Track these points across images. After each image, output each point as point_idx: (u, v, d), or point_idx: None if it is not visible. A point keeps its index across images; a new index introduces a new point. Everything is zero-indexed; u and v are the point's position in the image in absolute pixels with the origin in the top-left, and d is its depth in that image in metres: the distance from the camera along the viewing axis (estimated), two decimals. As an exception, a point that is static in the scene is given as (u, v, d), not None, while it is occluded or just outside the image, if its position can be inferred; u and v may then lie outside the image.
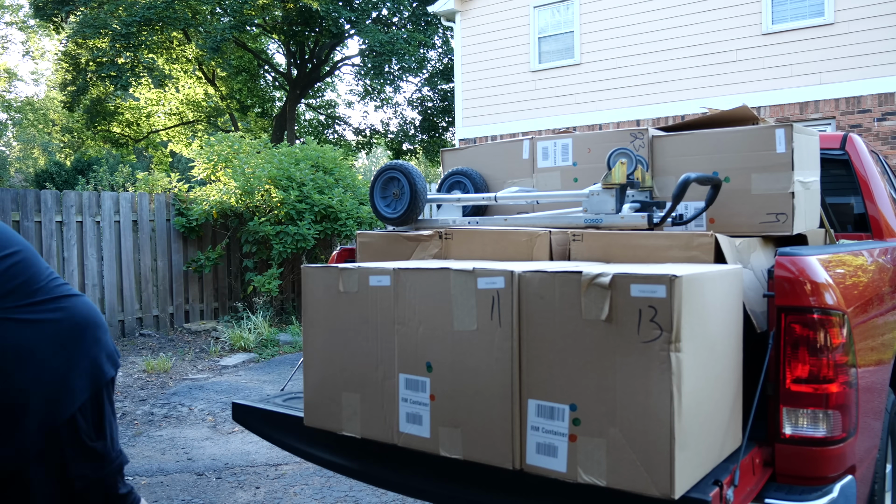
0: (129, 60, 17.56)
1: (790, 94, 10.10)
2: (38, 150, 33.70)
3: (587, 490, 1.67)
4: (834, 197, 3.38)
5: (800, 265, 1.91)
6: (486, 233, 2.48)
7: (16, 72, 34.88)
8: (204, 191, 8.58)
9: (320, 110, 25.58)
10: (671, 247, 2.09)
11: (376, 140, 24.13)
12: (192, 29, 18.78)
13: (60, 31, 19.35)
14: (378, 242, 2.79)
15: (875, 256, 2.59)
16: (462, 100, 13.32)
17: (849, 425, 1.90)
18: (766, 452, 1.95)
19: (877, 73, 9.47)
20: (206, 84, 22.24)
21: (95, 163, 19.27)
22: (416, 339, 1.95)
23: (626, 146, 2.58)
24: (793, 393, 1.88)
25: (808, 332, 1.86)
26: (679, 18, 10.92)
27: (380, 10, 20.25)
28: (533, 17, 12.36)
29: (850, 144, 3.25)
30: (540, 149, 2.90)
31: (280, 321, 8.77)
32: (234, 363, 6.97)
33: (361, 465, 2.19)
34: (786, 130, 2.33)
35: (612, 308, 1.62)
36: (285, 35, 20.85)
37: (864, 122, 9.61)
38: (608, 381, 1.63)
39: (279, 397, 2.60)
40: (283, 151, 8.91)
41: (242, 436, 4.74)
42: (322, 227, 8.41)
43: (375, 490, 3.73)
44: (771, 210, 2.36)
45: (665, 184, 2.58)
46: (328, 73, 24.23)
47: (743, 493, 1.75)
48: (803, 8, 10.00)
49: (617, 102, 11.51)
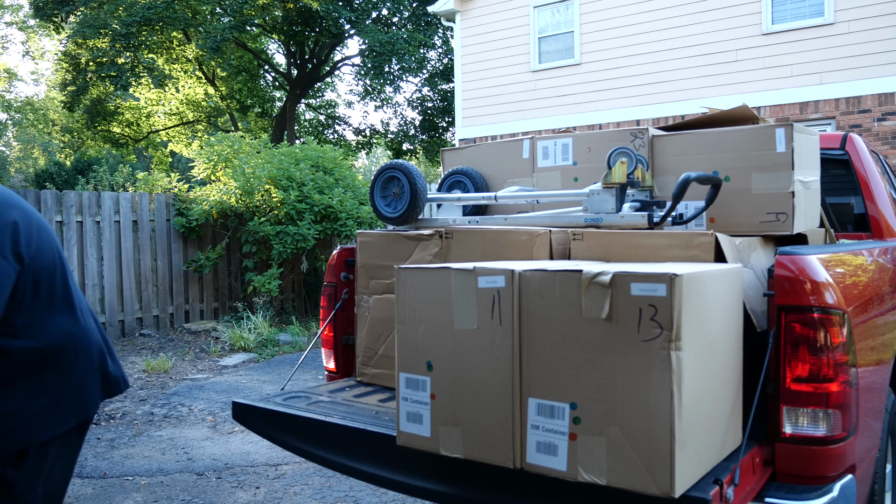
0: (129, 60, 17.56)
1: (790, 94, 10.10)
2: (38, 150, 33.70)
3: (587, 489, 1.67)
4: (834, 197, 3.38)
5: (800, 264, 1.91)
6: (487, 232, 2.48)
7: (16, 72, 34.87)
8: (204, 191, 8.58)
9: (320, 110, 25.58)
10: (671, 246, 2.09)
11: (376, 140, 24.12)
12: (192, 29, 18.78)
13: (60, 30, 19.35)
14: (378, 242, 2.79)
15: (875, 256, 2.59)
16: (462, 100, 13.32)
17: (849, 424, 1.90)
18: (767, 451, 1.95)
19: (877, 73, 9.47)
20: (206, 84, 22.24)
21: (95, 163, 19.27)
22: (417, 339, 1.95)
23: (627, 145, 2.58)
24: (793, 392, 1.88)
25: (808, 332, 1.86)
26: (679, 18, 10.92)
27: (380, 10, 20.25)
28: (533, 17, 12.36)
29: (851, 144, 3.25)
30: (540, 148, 2.90)
31: (280, 321, 8.77)
32: (234, 363, 6.97)
33: (361, 464, 2.19)
34: (786, 130, 2.33)
35: (613, 307, 1.62)
36: (285, 35, 20.85)
37: (864, 122, 9.61)
38: (608, 379, 1.63)
39: (279, 396, 2.60)
40: (283, 151, 8.91)
41: (242, 436, 4.74)
42: (322, 227, 8.41)
43: (375, 490, 3.73)
44: (771, 209, 2.36)
45: (665, 183, 2.59)
46: (328, 73, 24.23)
47: (743, 492, 1.75)
48: (803, 8, 10.00)
49: (617, 102, 11.51)
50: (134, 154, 25.34)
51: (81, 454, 4.40)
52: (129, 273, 8.01)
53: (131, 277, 8.03)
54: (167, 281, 8.40)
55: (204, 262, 8.50)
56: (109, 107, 21.08)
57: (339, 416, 2.32)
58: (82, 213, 7.61)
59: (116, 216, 7.93)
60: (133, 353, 7.34)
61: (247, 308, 8.72)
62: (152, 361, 6.59)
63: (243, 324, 7.92)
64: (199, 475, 4.05)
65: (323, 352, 3.07)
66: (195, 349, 7.50)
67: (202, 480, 3.97)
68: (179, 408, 5.42)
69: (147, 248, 8.23)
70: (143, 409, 5.41)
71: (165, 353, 7.19)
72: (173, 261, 8.47)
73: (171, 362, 6.72)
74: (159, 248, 8.37)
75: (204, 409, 5.37)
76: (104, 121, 21.24)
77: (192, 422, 5.10)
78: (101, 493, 3.81)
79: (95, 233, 7.73)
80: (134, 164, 22.76)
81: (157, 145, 24.74)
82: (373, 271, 2.81)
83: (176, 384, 6.14)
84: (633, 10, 11.34)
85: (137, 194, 8.23)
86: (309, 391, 2.69)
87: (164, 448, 4.53)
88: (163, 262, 8.38)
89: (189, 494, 3.77)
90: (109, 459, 4.32)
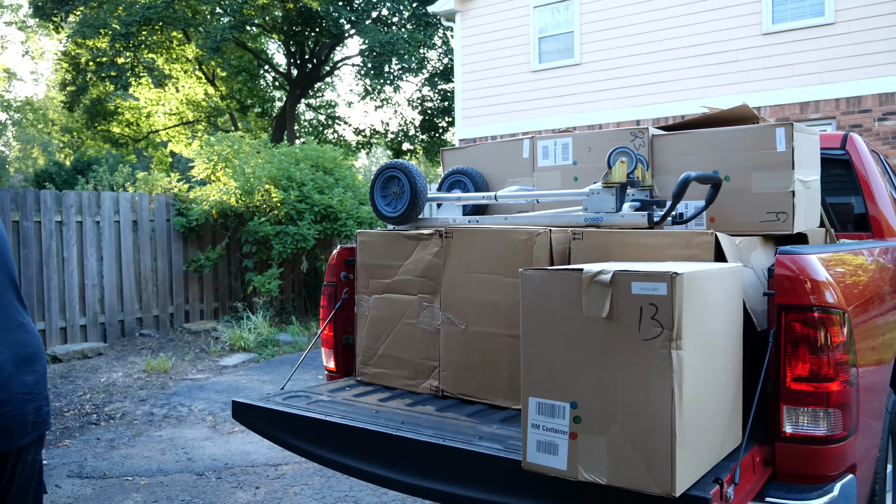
0: (128, 60, 17.55)
1: (790, 94, 10.10)
2: (38, 149, 33.69)
3: (587, 489, 1.67)
4: (834, 196, 3.38)
5: (800, 263, 1.91)
6: (487, 232, 2.48)
7: (15, 72, 34.88)
8: (204, 191, 8.58)
9: (320, 110, 25.57)
10: (671, 245, 2.09)
11: (376, 140, 24.12)
12: (192, 29, 18.77)
13: (60, 30, 19.34)
14: (378, 241, 2.79)
15: (875, 256, 2.59)
16: (462, 100, 13.32)
17: (849, 424, 1.89)
18: (767, 451, 1.95)
19: (877, 72, 9.47)
20: (206, 84, 22.22)
21: (95, 163, 19.25)
22: None
23: (627, 145, 2.58)
24: (793, 391, 1.88)
25: (808, 331, 1.86)
26: (679, 18, 10.91)
27: (380, 11, 20.23)
28: (533, 17, 12.36)
29: (851, 144, 3.25)
30: (540, 148, 2.90)
31: (280, 321, 8.76)
32: (234, 363, 6.96)
33: (361, 463, 2.18)
34: (786, 129, 2.33)
35: (613, 305, 1.62)
36: (285, 35, 20.84)
37: (865, 121, 9.61)
38: (609, 378, 1.63)
39: (279, 396, 2.60)
40: (283, 151, 8.91)
41: (242, 436, 4.74)
42: (322, 227, 8.41)
43: (375, 490, 3.72)
44: (771, 209, 2.36)
45: (665, 183, 2.58)
46: (328, 73, 24.22)
47: (743, 491, 1.75)
48: (803, 8, 9.99)
49: (617, 102, 11.51)
50: (134, 154, 25.32)
51: (81, 454, 4.41)
52: (128, 273, 8.01)
53: (131, 277, 8.03)
54: (167, 281, 8.40)
55: (204, 262, 8.50)
56: (109, 107, 21.07)
57: (339, 415, 2.32)
58: (82, 213, 7.61)
59: (116, 216, 7.93)
60: (133, 353, 7.34)
61: (247, 308, 8.72)
62: (152, 361, 6.59)
63: (243, 324, 7.92)
64: (199, 475, 4.05)
65: (323, 351, 3.07)
66: (195, 349, 7.50)
67: (202, 480, 3.97)
68: (179, 408, 5.42)
69: (147, 249, 8.23)
70: (143, 409, 5.41)
71: (165, 354, 7.19)
72: (173, 261, 8.47)
73: (170, 362, 6.72)
74: (159, 248, 8.37)
75: (204, 410, 5.37)
76: (104, 121, 21.23)
77: (192, 422, 5.09)
78: (100, 493, 3.81)
79: (95, 233, 7.72)
80: (134, 164, 22.75)
81: (156, 145, 24.72)
82: (373, 271, 2.81)
83: (176, 384, 6.13)
84: (633, 10, 11.33)
85: (137, 194, 8.23)
86: (309, 391, 2.69)
87: (164, 448, 4.52)
88: (163, 262, 8.38)
89: (189, 494, 3.76)
90: (109, 459, 4.32)
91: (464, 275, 2.51)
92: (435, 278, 2.60)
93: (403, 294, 2.70)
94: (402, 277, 2.70)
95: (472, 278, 2.49)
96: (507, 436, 2.09)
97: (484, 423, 2.24)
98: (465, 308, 2.51)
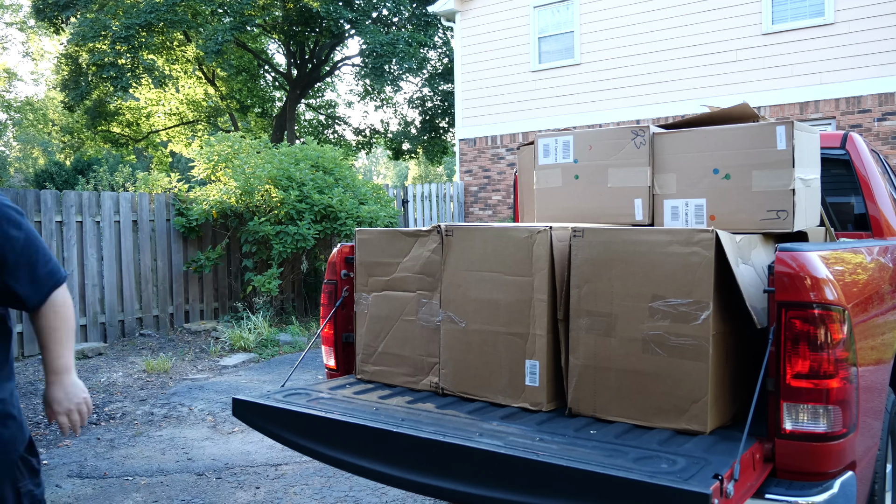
0: (129, 61, 17.55)
1: (790, 94, 10.10)
2: (38, 150, 33.70)
3: (591, 478, 1.67)
4: (834, 196, 3.38)
5: (800, 260, 1.91)
6: (487, 230, 2.48)
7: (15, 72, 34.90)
8: (204, 191, 8.58)
9: (320, 110, 25.57)
10: (671, 242, 2.09)
11: (376, 140, 24.12)
12: (193, 30, 18.77)
13: (61, 32, 19.33)
14: (377, 239, 2.80)
15: (875, 255, 2.59)
16: (462, 100, 13.32)
17: (849, 421, 1.89)
18: (767, 448, 1.95)
19: (877, 73, 9.47)
20: (206, 84, 22.23)
21: (95, 163, 19.26)
22: None
23: (628, 143, 2.59)
24: (793, 388, 1.88)
25: (808, 328, 1.86)
26: (679, 18, 10.92)
27: (380, 11, 20.23)
28: (533, 17, 12.36)
29: (851, 143, 3.25)
30: (541, 146, 2.90)
31: (280, 321, 8.76)
32: (234, 363, 6.96)
33: (361, 460, 2.18)
34: (786, 127, 2.33)
35: None
36: (285, 35, 20.84)
37: (865, 121, 9.61)
38: None
39: (279, 393, 2.60)
40: (283, 151, 8.91)
41: (242, 436, 4.74)
42: (322, 226, 8.40)
43: (375, 490, 3.72)
44: (772, 207, 2.36)
45: (666, 181, 2.58)
46: (328, 73, 24.22)
47: (743, 487, 1.75)
48: (803, 8, 10.00)
49: (617, 102, 11.51)
50: (134, 154, 25.34)
51: (81, 454, 4.41)
52: (128, 273, 8.00)
53: (131, 277, 8.03)
54: (167, 281, 8.40)
55: (204, 262, 8.50)
56: (110, 107, 21.07)
57: (340, 412, 2.32)
58: (82, 213, 7.61)
59: (116, 216, 7.93)
60: (133, 353, 7.34)
61: (247, 308, 8.72)
62: (152, 361, 6.59)
63: (243, 324, 7.92)
64: (199, 475, 4.05)
65: (323, 349, 3.07)
66: (195, 349, 7.50)
67: (202, 480, 3.97)
68: (179, 408, 5.42)
69: (147, 248, 8.23)
70: (143, 409, 5.41)
71: (165, 353, 7.19)
72: (173, 261, 8.47)
73: (170, 362, 6.72)
74: (159, 248, 8.36)
75: (204, 409, 5.37)
76: (104, 121, 21.23)
77: (192, 422, 5.09)
78: (100, 493, 3.80)
79: (95, 233, 7.72)
80: (134, 164, 22.78)
81: (157, 145, 24.73)
82: (371, 269, 2.81)
83: (176, 384, 6.13)
84: (633, 10, 11.34)
85: (137, 194, 8.23)
86: (309, 388, 2.69)
87: (164, 448, 4.52)
88: (163, 262, 8.38)
89: (189, 494, 3.76)
90: (109, 459, 4.32)
91: (464, 273, 2.51)
92: (433, 274, 2.60)
93: (402, 291, 2.70)
94: (401, 274, 2.70)
95: (473, 276, 2.49)
96: (507, 432, 2.09)
97: (484, 420, 2.24)
98: (466, 306, 2.51)
